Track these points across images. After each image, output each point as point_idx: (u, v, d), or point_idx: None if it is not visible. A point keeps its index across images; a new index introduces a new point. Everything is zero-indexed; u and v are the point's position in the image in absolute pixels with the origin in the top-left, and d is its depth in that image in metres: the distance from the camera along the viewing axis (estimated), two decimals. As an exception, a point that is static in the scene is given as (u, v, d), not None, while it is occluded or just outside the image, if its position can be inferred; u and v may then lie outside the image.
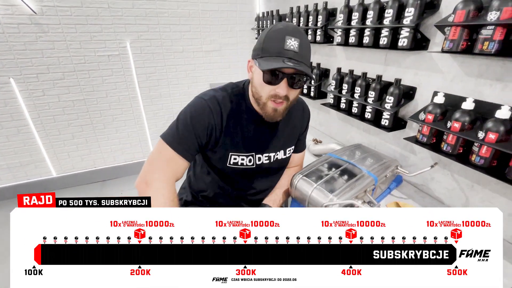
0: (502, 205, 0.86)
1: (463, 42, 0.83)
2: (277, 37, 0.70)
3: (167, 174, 0.78)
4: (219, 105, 0.80)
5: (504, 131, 0.76)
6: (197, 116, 0.78)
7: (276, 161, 0.94)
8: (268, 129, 0.89)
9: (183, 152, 0.78)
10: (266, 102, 0.76)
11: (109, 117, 2.34)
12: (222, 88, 0.86)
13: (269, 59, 0.70)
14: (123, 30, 2.11)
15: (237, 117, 0.83)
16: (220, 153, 0.84)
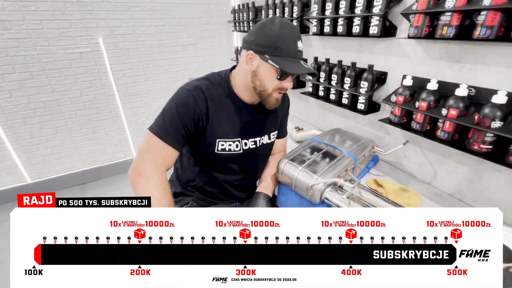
0: (464, 173, 0.97)
1: (425, 28, 0.91)
2: (291, 39, 0.77)
3: (158, 163, 0.81)
4: (203, 93, 0.82)
5: (463, 107, 0.85)
6: (182, 106, 0.80)
7: (261, 146, 0.99)
8: (253, 115, 0.94)
9: (171, 142, 0.81)
10: (271, 94, 0.83)
11: (85, 117, 2.25)
12: (205, 77, 0.89)
13: (287, 60, 0.77)
14: (94, 25, 2.03)
15: (222, 105, 0.86)
16: (208, 140, 0.87)
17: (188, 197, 1.02)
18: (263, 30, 0.77)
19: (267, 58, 0.76)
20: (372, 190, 0.96)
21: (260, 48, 0.77)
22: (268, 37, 0.76)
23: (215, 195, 1.03)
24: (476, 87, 0.87)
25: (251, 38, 0.80)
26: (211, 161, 0.94)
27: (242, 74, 0.86)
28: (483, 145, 0.82)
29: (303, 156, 1.04)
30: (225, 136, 0.89)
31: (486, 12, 0.74)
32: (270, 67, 0.78)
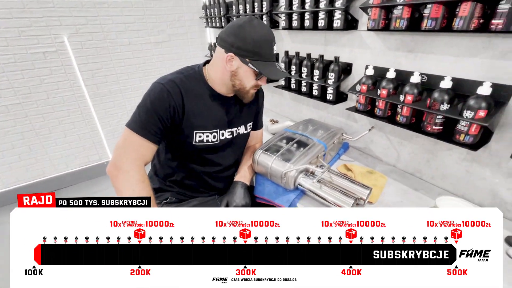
0: (422, 153, 1.07)
1: (382, 21, 0.98)
2: (268, 44, 0.84)
3: (135, 158, 0.82)
4: (177, 86, 0.84)
5: (417, 93, 0.93)
6: (157, 100, 0.82)
7: (238, 136, 1.03)
8: (229, 106, 0.98)
9: (148, 136, 0.82)
10: (249, 91, 0.92)
11: (54, 120, 2.15)
12: (178, 71, 0.91)
13: (266, 65, 0.84)
14: (57, 23, 1.93)
15: (198, 97, 0.89)
16: (185, 132, 0.89)
17: (167, 192, 1.03)
18: (243, 33, 0.81)
19: (247, 61, 0.83)
20: (341, 174, 1.03)
21: (241, 51, 0.82)
22: (248, 42, 0.81)
23: (194, 188, 1.05)
24: (427, 74, 0.95)
25: (230, 40, 0.82)
26: (189, 154, 0.96)
27: (218, 70, 0.89)
28: (435, 127, 0.91)
29: (277, 146, 1.09)
30: (202, 127, 0.91)
31: (431, 5, 0.82)
32: (249, 69, 0.85)
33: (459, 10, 0.77)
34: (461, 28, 0.77)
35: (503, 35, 0.75)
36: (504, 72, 0.78)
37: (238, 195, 0.97)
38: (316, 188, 0.94)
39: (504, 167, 0.84)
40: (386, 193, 1.01)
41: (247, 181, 1.04)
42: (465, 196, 0.97)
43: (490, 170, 0.88)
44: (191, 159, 0.98)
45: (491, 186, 0.89)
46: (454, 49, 0.87)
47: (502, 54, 0.77)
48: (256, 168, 1.08)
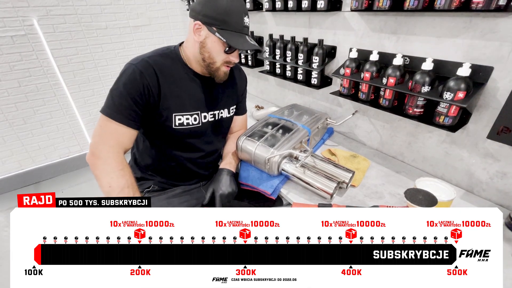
0: (403, 136, 1.08)
1: (365, 1, 0.96)
2: (238, 14, 0.78)
3: (112, 144, 0.79)
4: (151, 66, 0.80)
5: (399, 75, 0.93)
6: (129, 82, 0.78)
7: (221, 119, 1.00)
8: (210, 87, 0.94)
9: (124, 120, 0.79)
10: (220, 67, 0.85)
11: (29, 110, 2.04)
12: (153, 52, 0.86)
13: (233, 35, 0.78)
14: (25, 4, 1.79)
15: (175, 78, 0.85)
16: (164, 115, 0.86)
17: (149, 181, 1.01)
18: (212, 1, 0.76)
19: (214, 30, 0.77)
20: (325, 159, 1.03)
21: (208, 19, 0.77)
22: (216, 9, 0.76)
23: (177, 176, 1.02)
24: (410, 56, 0.95)
25: (198, 7, 0.78)
26: (170, 139, 0.92)
27: (190, 45, 0.85)
28: (416, 109, 0.92)
29: (260, 132, 1.07)
30: (181, 109, 0.88)
31: (413, -17, 0.80)
32: (218, 40, 0.79)
33: (441, -12, 0.75)
34: (442, 8, 0.76)
35: (483, 14, 0.75)
36: (483, 53, 0.78)
37: (224, 183, 0.95)
38: (299, 173, 0.94)
39: (481, 148, 0.86)
40: (368, 176, 1.03)
41: (232, 168, 1.02)
42: (444, 177, 0.99)
43: (467, 151, 0.90)
44: (173, 145, 0.94)
45: (468, 167, 0.91)
46: (436, 29, 0.86)
47: (482, 34, 0.77)
48: (240, 155, 1.07)
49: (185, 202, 1.01)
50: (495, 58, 0.76)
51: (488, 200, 0.88)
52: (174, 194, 1.01)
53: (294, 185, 0.99)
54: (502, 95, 0.76)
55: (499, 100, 0.78)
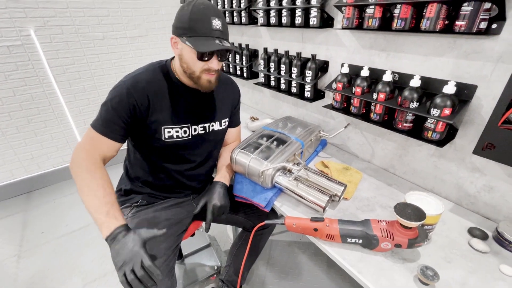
0: (394, 149, 1.10)
1: (355, 20, 1.00)
2: (203, 19, 0.77)
3: (94, 154, 0.81)
4: (140, 83, 0.83)
5: (389, 91, 0.96)
6: (116, 98, 0.81)
7: (212, 132, 1.01)
8: (200, 100, 0.96)
9: (109, 134, 0.82)
10: (200, 76, 0.84)
11: (23, 119, 2.03)
12: (145, 67, 0.89)
13: (200, 39, 0.77)
14: (22, 15, 1.81)
15: (164, 91, 0.88)
16: (153, 128, 0.87)
17: (139, 195, 1.00)
18: (180, 12, 0.79)
19: (184, 39, 0.78)
20: (318, 171, 1.05)
21: (178, 30, 0.80)
22: (183, 19, 0.78)
23: (167, 188, 1.03)
24: (399, 73, 0.98)
25: (173, 23, 0.82)
26: (160, 151, 0.94)
27: (176, 59, 0.88)
28: (405, 124, 0.94)
29: (254, 145, 1.09)
30: (170, 122, 0.89)
31: (400, 5, 0.84)
32: (189, 48, 0.80)
33: (426, 11, 0.79)
34: (428, 29, 0.80)
35: (466, 36, 0.78)
36: (467, 72, 0.81)
37: (217, 195, 0.95)
38: (292, 186, 0.95)
39: (468, 162, 0.89)
40: (361, 188, 1.04)
41: (226, 181, 1.03)
42: (434, 190, 1.01)
43: (455, 165, 0.92)
44: (162, 157, 0.95)
45: (456, 180, 0.94)
46: (423, 48, 0.90)
47: (466, 54, 0.80)
48: (234, 167, 1.08)
49: (174, 216, 1.00)
50: (478, 76, 0.79)
51: (476, 213, 0.90)
52: (163, 207, 1.00)
53: (288, 197, 1.00)
54: (486, 112, 0.80)
55: (483, 117, 0.81)
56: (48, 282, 1.48)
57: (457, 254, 0.75)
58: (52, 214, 2.01)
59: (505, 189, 0.82)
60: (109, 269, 1.54)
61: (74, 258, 1.63)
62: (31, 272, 1.55)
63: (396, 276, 0.68)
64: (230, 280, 1.28)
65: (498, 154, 0.73)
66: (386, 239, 0.72)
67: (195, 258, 1.59)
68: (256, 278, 1.48)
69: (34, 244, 1.74)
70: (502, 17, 0.70)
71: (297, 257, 1.61)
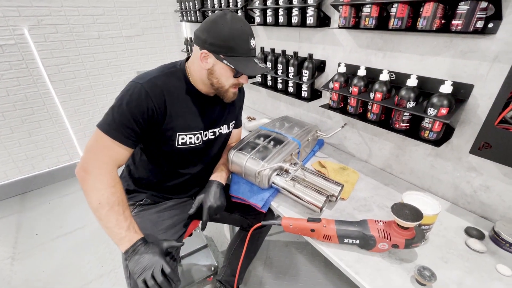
0: (391, 149, 1.10)
1: (352, 19, 0.99)
2: (243, 38, 0.78)
3: (107, 161, 0.77)
4: (159, 87, 0.79)
5: (386, 91, 0.96)
6: (133, 101, 0.76)
7: (220, 135, 1.02)
8: (212, 106, 0.95)
9: (122, 139, 0.77)
10: (228, 89, 0.87)
11: (17, 119, 2.00)
12: (159, 69, 0.85)
13: (240, 60, 0.79)
14: (15, 14, 1.78)
15: (181, 97, 0.86)
16: (167, 135, 0.85)
17: (142, 194, 0.99)
18: (216, 29, 0.76)
19: (222, 58, 0.78)
20: (315, 171, 1.04)
21: (214, 47, 0.78)
22: (221, 37, 0.76)
23: (171, 190, 1.02)
24: (396, 72, 0.98)
25: (203, 36, 0.78)
26: (169, 156, 0.92)
27: (197, 69, 0.85)
28: (402, 124, 0.94)
29: (252, 144, 1.08)
30: (186, 129, 0.88)
31: (397, 4, 0.83)
32: (226, 67, 0.80)
33: (422, 10, 0.79)
34: (424, 28, 0.80)
35: (463, 35, 0.78)
36: (463, 71, 0.81)
37: (213, 195, 0.94)
38: (289, 186, 0.94)
39: (464, 161, 0.89)
40: (357, 189, 1.04)
41: (223, 180, 1.02)
42: (431, 190, 1.01)
43: (452, 164, 0.92)
44: (170, 161, 0.94)
45: (453, 180, 0.93)
46: (420, 48, 0.90)
47: (462, 53, 0.80)
48: (231, 168, 1.07)
49: (176, 216, 0.99)
50: (475, 76, 0.79)
51: (473, 212, 0.90)
52: (165, 208, 1.00)
53: (285, 198, 0.99)
54: (483, 112, 0.80)
55: (479, 116, 0.81)
56: (43, 284, 1.47)
57: (454, 254, 0.74)
58: (47, 215, 1.99)
59: (501, 188, 0.82)
60: (105, 270, 1.52)
61: (69, 260, 1.62)
62: (25, 274, 1.53)
63: (393, 276, 0.68)
64: (227, 281, 1.27)
65: (494, 154, 0.73)
66: (383, 239, 0.71)
67: (192, 259, 1.58)
68: (253, 278, 1.48)
69: (28, 246, 1.72)
70: (498, 16, 0.70)
71: (294, 257, 1.60)
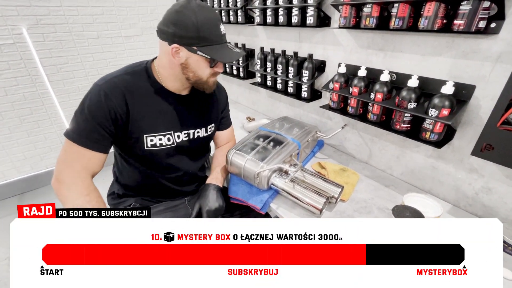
0: (392, 150, 1.09)
1: (352, 19, 0.98)
2: (213, 25, 0.75)
3: (78, 169, 0.76)
4: (118, 88, 0.76)
5: (387, 91, 0.95)
6: (93, 105, 0.74)
7: (197, 138, 0.96)
8: (185, 106, 0.91)
9: (90, 145, 0.75)
10: (207, 80, 0.84)
11: (15, 119, 1.99)
12: (122, 69, 0.83)
13: (215, 48, 0.76)
14: (14, 13, 1.77)
15: (145, 97, 0.82)
16: (134, 137, 0.82)
17: (131, 199, 0.98)
18: (183, 19, 0.72)
19: (195, 50, 0.75)
20: (315, 173, 1.03)
21: (185, 40, 0.74)
22: (190, 28, 0.72)
23: (158, 194, 1.00)
24: (396, 73, 0.97)
25: (170, 30, 0.74)
26: (145, 160, 0.89)
27: (167, 65, 0.82)
28: (403, 125, 0.93)
29: (250, 146, 1.07)
30: (153, 130, 0.84)
31: (398, 4, 0.83)
32: (201, 58, 0.77)
33: (424, 10, 0.78)
34: (426, 28, 0.79)
35: (465, 35, 0.77)
36: (465, 71, 0.80)
37: (211, 198, 0.92)
38: (289, 188, 0.93)
39: (466, 163, 0.88)
40: (358, 190, 1.03)
41: (219, 183, 1.00)
42: (432, 191, 1.00)
43: (453, 166, 0.91)
44: (147, 165, 0.91)
45: (454, 182, 0.92)
46: (421, 48, 0.89)
47: (464, 53, 0.79)
48: (230, 169, 1.06)
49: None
50: (477, 76, 0.78)
51: (475, 215, 0.89)
52: (157, 211, 0.97)
53: (284, 199, 0.98)
54: (485, 113, 0.79)
55: (482, 118, 0.80)
56: (40, 286, 1.45)
57: (455, 257, 0.73)
58: (45, 216, 1.97)
59: (503, 190, 0.81)
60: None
61: (67, 261, 1.60)
62: (23, 275, 1.51)
63: (394, 280, 0.67)
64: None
65: (497, 155, 0.72)
66: (384, 242, 0.70)
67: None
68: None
69: (26, 246, 1.71)
70: (501, 16, 0.69)
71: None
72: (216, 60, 0.78)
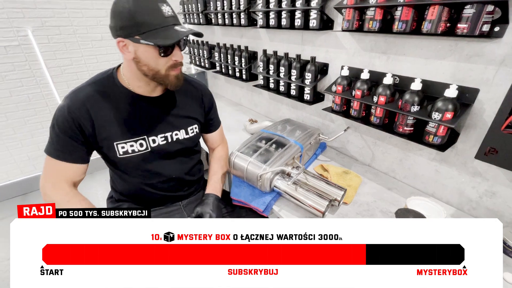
0: (395, 153, 1.09)
1: (355, 22, 0.98)
2: (150, 8, 0.68)
3: (58, 181, 0.79)
4: (79, 99, 0.76)
5: (390, 94, 0.95)
6: (59, 120, 0.76)
7: (177, 141, 0.91)
8: (158, 109, 0.87)
9: (64, 157, 0.78)
10: (168, 74, 0.77)
11: (19, 120, 2.01)
12: (89, 80, 0.82)
13: (158, 33, 0.68)
14: (20, 15, 1.79)
15: (110, 104, 0.79)
16: (105, 146, 0.81)
17: (126, 203, 0.97)
18: (118, 9, 0.68)
19: (138, 39, 0.69)
20: (317, 175, 1.03)
21: (126, 31, 0.68)
22: (126, 16, 0.67)
23: (148, 201, 0.96)
24: (399, 76, 0.97)
25: (112, 24, 0.70)
26: (123, 167, 0.87)
27: (126, 65, 0.79)
28: (406, 128, 0.93)
29: (253, 147, 1.07)
30: (122, 136, 0.81)
31: (401, 8, 0.83)
32: (146, 46, 0.70)
33: (427, 13, 0.78)
34: (429, 31, 0.79)
35: (468, 39, 0.77)
36: (469, 75, 0.80)
37: (211, 206, 0.89)
38: (291, 190, 0.93)
39: (470, 167, 0.87)
40: (360, 193, 1.03)
41: (218, 192, 0.96)
42: (435, 195, 1.00)
43: (457, 169, 0.91)
44: (127, 172, 0.88)
45: (458, 185, 0.92)
46: (424, 51, 0.89)
47: (468, 57, 0.79)
48: (232, 171, 1.06)
49: None
50: (480, 80, 0.78)
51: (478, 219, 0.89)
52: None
53: (287, 202, 0.98)
54: (489, 116, 0.78)
55: (485, 121, 0.79)
56: (42, 286, 1.45)
57: (459, 261, 0.73)
58: (48, 216, 1.98)
59: (507, 194, 0.81)
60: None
61: (69, 261, 1.60)
62: (25, 276, 1.52)
63: (397, 284, 0.66)
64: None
65: (501, 159, 0.71)
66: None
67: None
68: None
69: (28, 247, 1.71)
70: (505, 19, 0.69)
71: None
72: (168, 47, 0.71)
